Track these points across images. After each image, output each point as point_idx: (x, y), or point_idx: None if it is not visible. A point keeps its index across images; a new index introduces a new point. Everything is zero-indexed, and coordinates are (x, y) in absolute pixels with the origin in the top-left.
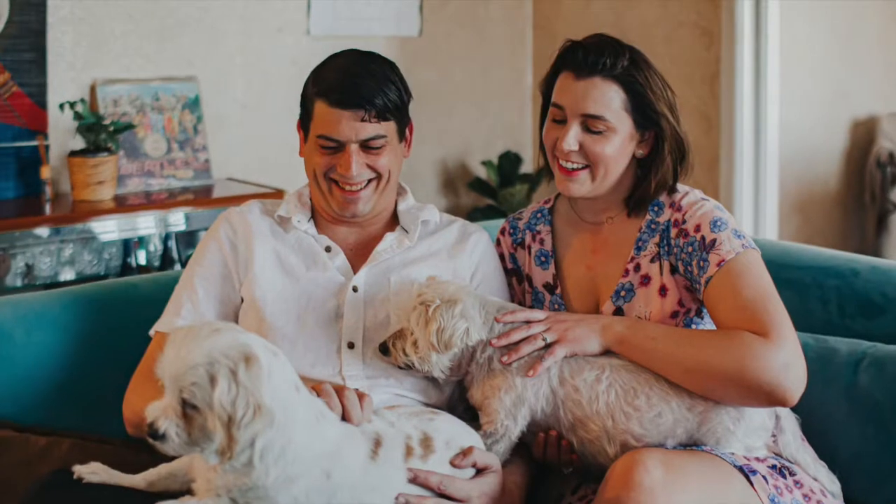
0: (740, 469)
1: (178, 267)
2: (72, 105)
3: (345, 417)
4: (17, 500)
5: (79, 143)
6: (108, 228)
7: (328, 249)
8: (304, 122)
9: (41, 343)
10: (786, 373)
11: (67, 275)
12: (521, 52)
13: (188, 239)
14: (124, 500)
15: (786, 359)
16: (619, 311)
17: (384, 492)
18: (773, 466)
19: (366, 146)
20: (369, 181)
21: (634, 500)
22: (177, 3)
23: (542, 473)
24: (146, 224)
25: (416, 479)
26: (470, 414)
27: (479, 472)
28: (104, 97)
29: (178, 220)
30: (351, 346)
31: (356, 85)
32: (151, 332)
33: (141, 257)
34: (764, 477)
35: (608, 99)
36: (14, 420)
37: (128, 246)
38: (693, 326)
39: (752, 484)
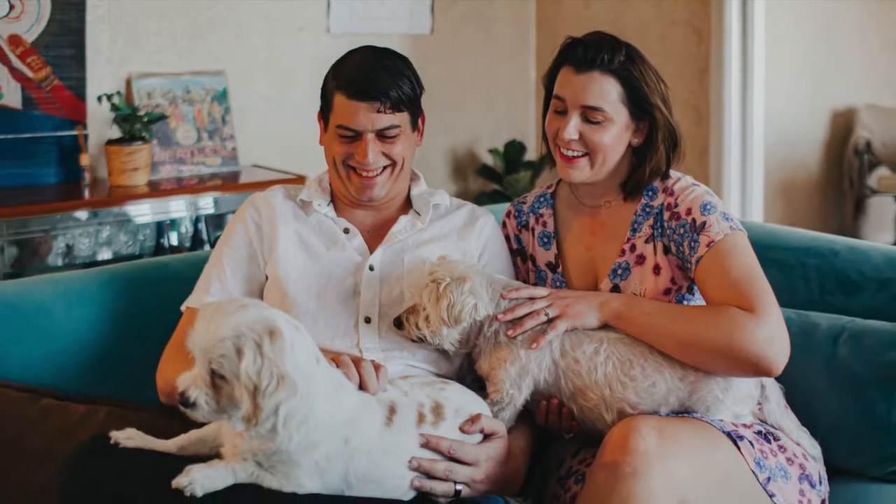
0: (728, 435)
1: (207, 247)
2: (109, 97)
3: (362, 387)
4: (58, 463)
5: (115, 133)
6: (143, 212)
7: (346, 231)
8: (324, 114)
9: (80, 318)
10: (770, 345)
11: (105, 255)
12: (525, 49)
13: (217, 221)
14: (157, 463)
15: (770, 332)
16: (616, 289)
17: (398, 456)
18: (759, 432)
19: (381, 135)
20: (384, 168)
21: (630, 464)
22: (206, 3)
23: (544, 439)
24: (178, 207)
25: (427, 444)
26: (478, 384)
27: (487, 437)
28: (139, 90)
29: (207, 203)
30: (367, 320)
31: (373, 79)
32: (183, 308)
33: (173, 238)
34: (750, 442)
35: (606, 92)
36: (55, 389)
37: (161, 228)
38: (685, 303)
39: (739, 448)
